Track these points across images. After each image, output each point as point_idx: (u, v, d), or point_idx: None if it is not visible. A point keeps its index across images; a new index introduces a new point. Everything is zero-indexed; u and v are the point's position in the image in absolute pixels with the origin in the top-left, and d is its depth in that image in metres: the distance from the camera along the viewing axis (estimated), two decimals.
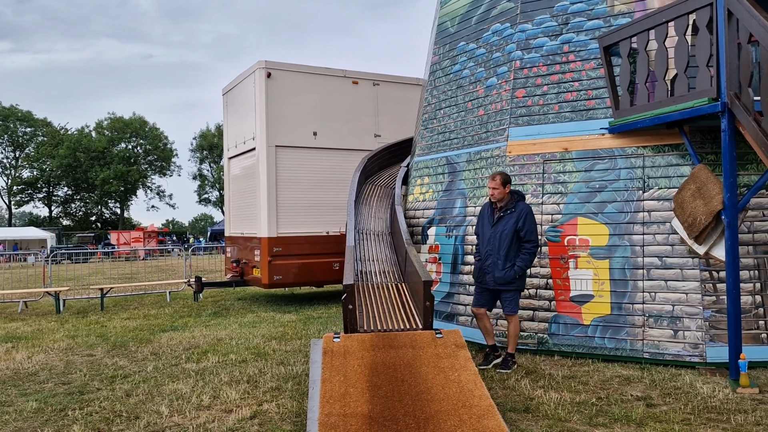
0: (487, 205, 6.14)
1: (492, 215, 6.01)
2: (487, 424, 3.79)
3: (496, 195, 5.93)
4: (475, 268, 6.14)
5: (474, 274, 6.16)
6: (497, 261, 5.85)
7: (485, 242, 5.97)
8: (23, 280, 17.58)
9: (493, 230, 5.93)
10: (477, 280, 6.10)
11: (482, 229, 6.06)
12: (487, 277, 5.92)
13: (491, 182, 5.95)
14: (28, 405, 5.10)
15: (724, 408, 4.61)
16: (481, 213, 6.16)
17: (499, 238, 5.86)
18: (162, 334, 8.55)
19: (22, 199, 64.11)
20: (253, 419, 4.62)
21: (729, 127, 5.29)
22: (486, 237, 5.97)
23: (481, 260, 6.02)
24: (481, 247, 6.05)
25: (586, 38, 6.88)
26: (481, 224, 6.09)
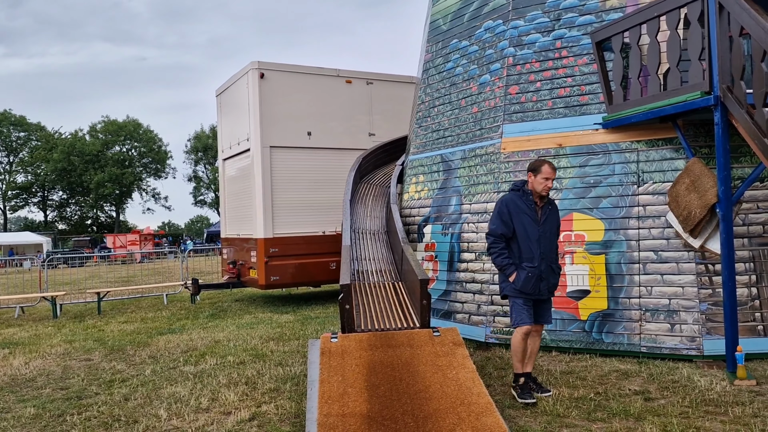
0: (516, 199, 5.01)
1: (533, 211, 4.97)
2: (486, 422, 3.80)
3: (550, 187, 5.02)
4: (527, 276, 4.86)
5: (523, 284, 4.86)
6: (552, 265, 4.98)
7: (533, 243, 4.90)
8: (19, 285, 17.52)
9: (542, 229, 4.94)
10: (526, 291, 4.88)
11: (523, 228, 4.93)
12: (541, 285, 4.89)
13: (553, 173, 4.95)
14: (26, 411, 5.09)
15: (721, 400, 4.62)
16: (512, 209, 4.97)
17: (550, 237, 5.00)
18: (159, 337, 8.53)
19: (17, 204, 63.89)
20: (252, 421, 4.62)
21: (722, 120, 5.30)
22: (534, 237, 4.90)
23: (535, 266, 4.88)
24: (524, 250, 4.92)
25: (579, 34, 6.88)
26: (520, 222, 4.93)
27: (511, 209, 4.98)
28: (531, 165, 5.07)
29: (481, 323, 6.87)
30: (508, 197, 5.07)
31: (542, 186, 4.93)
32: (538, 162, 5.04)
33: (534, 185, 4.96)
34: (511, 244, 5.00)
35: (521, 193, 5.03)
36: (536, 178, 4.94)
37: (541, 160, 5.05)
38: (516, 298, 4.94)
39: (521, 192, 5.04)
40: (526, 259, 4.91)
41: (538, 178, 4.93)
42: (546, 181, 4.92)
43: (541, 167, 4.93)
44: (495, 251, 5.01)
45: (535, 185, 4.95)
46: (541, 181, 4.93)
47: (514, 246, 4.99)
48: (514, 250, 4.98)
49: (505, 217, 4.98)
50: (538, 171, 4.93)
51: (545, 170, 4.92)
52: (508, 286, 4.96)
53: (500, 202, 5.09)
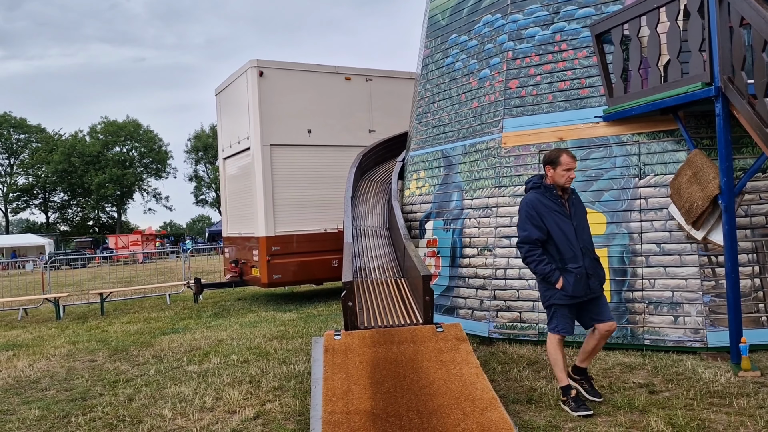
0: (540, 197, 4.56)
1: (561, 206, 4.54)
2: (491, 417, 3.79)
3: (573, 178, 4.60)
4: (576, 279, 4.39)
5: (575, 288, 4.38)
6: (594, 257, 4.55)
7: (571, 241, 4.45)
8: (22, 288, 17.55)
9: (575, 222, 4.52)
10: (578, 295, 4.41)
11: (557, 227, 4.46)
12: (591, 283, 4.45)
13: (573, 162, 4.53)
14: (31, 413, 5.09)
15: (726, 392, 4.62)
16: (541, 210, 4.50)
17: (584, 229, 4.57)
18: (163, 337, 8.54)
19: (18, 206, 63.99)
20: (257, 419, 4.62)
21: (723, 111, 5.28)
22: (570, 234, 4.46)
23: (580, 265, 4.41)
24: (564, 250, 4.45)
25: (578, 26, 6.86)
26: (553, 222, 4.47)
27: (539, 210, 4.49)
28: (547, 157, 4.59)
29: (484, 318, 6.87)
30: (531, 198, 4.58)
31: (565, 178, 4.49)
32: (555, 153, 4.56)
33: (555, 179, 4.52)
34: (547, 247, 4.50)
35: (543, 189, 4.58)
36: (556, 170, 4.50)
37: (557, 151, 4.58)
38: (563, 306, 4.46)
39: (543, 188, 4.58)
40: (570, 260, 4.42)
41: (558, 170, 4.49)
42: (568, 172, 4.49)
43: (560, 158, 4.49)
44: (533, 259, 4.47)
45: (557, 178, 4.51)
46: (563, 173, 4.49)
47: (551, 249, 4.49)
48: (553, 253, 4.48)
49: (535, 220, 4.47)
50: (557, 163, 4.50)
51: (565, 161, 4.49)
52: (556, 294, 4.44)
53: (525, 205, 4.57)
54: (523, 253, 4.54)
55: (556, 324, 4.52)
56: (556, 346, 4.51)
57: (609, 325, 4.50)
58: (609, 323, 4.50)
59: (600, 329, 4.51)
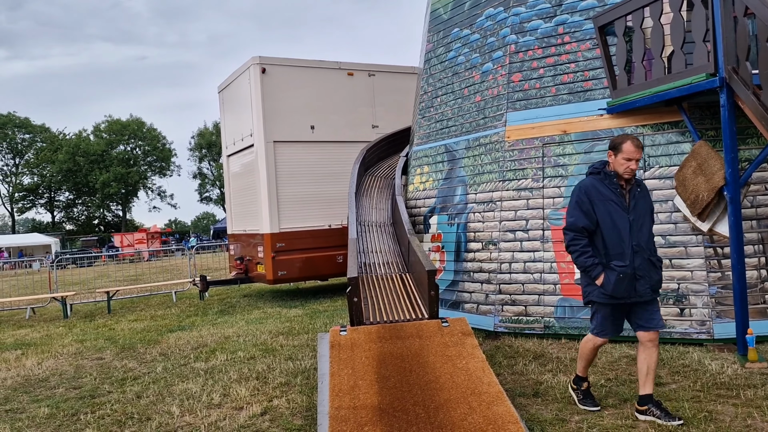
0: (596, 183, 4.16)
1: (620, 196, 4.11)
2: (497, 411, 3.80)
3: (635, 169, 4.13)
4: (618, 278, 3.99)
5: (614, 288, 4.00)
6: (651, 258, 4.08)
7: (622, 236, 4.04)
8: (29, 287, 17.63)
9: (632, 216, 4.08)
10: (618, 296, 4.02)
11: (609, 218, 4.06)
12: (638, 285, 4.02)
13: (637, 152, 4.05)
14: (41, 411, 5.13)
15: (733, 384, 4.61)
16: (594, 197, 4.11)
17: (643, 226, 4.12)
18: (170, 334, 8.57)
19: (24, 205, 64.25)
20: (264, 415, 4.64)
21: (728, 101, 5.26)
22: (623, 228, 4.04)
23: (626, 264, 4.00)
24: (611, 245, 4.07)
25: (581, 19, 6.83)
26: (605, 211, 4.07)
27: (592, 197, 4.11)
28: (611, 143, 4.20)
29: (489, 312, 6.87)
30: (586, 182, 4.20)
31: (624, 168, 4.07)
32: (619, 139, 4.14)
33: (615, 166, 4.12)
34: (594, 239, 4.12)
35: (602, 176, 4.17)
36: (617, 158, 4.09)
37: (623, 137, 4.15)
38: (604, 305, 4.10)
39: (602, 175, 4.17)
40: (615, 257, 4.04)
41: (618, 158, 4.08)
42: (628, 162, 4.05)
43: (622, 145, 4.06)
44: (576, 249, 4.11)
45: (616, 166, 4.10)
46: (623, 162, 4.06)
47: (598, 241, 4.11)
48: (599, 246, 4.11)
49: (585, 206, 4.10)
50: (619, 150, 4.08)
51: (627, 149, 4.04)
52: (596, 291, 4.09)
53: (577, 189, 4.21)
54: (567, 241, 4.19)
55: (595, 325, 4.20)
56: (590, 347, 4.25)
57: (650, 335, 4.06)
58: (651, 332, 4.06)
59: (641, 337, 4.09)
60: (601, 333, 4.17)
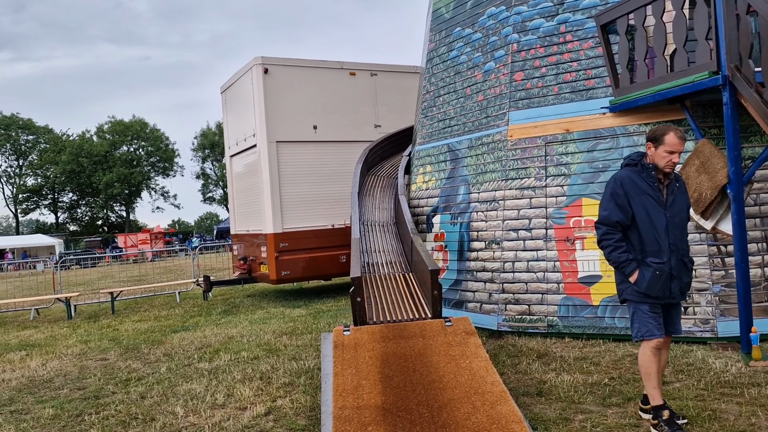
0: (633, 176, 3.90)
1: (657, 190, 3.86)
2: (501, 410, 3.80)
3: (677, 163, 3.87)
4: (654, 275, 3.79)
5: (649, 286, 3.79)
6: (684, 259, 3.88)
7: (659, 232, 3.81)
8: (34, 288, 17.68)
9: (669, 213, 3.84)
10: (653, 294, 3.81)
11: (645, 213, 3.83)
12: (672, 286, 3.83)
13: (680, 144, 3.79)
14: (45, 412, 5.15)
15: (737, 382, 4.60)
16: (630, 190, 3.87)
17: (680, 224, 3.90)
18: (173, 334, 8.59)
19: (28, 206, 64.48)
20: (268, 415, 4.65)
21: (731, 100, 5.25)
22: (660, 224, 3.81)
23: (663, 261, 3.80)
24: (647, 241, 3.83)
25: (583, 17, 6.82)
26: (641, 206, 3.83)
27: (628, 189, 3.86)
28: (651, 133, 3.92)
29: (492, 312, 6.87)
30: (623, 175, 3.94)
31: (665, 161, 3.81)
32: (661, 130, 3.87)
33: (655, 159, 3.86)
34: (629, 234, 3.90)
35: (639, 168, 3.91)
36: (657, 150, 3.83)
37: (665, 128, 3.87)
38: (640, 303, 3.87)
39: (639, 167, 3.92)
40: (651, 253, 3.82)
41: (659, 150, 3.82)
42: (671, 155, 3.79)
43: (664, 136, 3.80)
44: (609, 244, 3.88)
45: (657, 159, 3.84)
46: (664, 155, 3.81)
47: (633, 236, 3.89)
48: (634, 241, 3.88)
49: (620, 199, 3.86)
50: (660, 141, 3.82)
51: (670, 141, 3.78)
52: (629, 289, 3.88)
53: (613, 181, 3.95)
54: (599, 236, 3.94)
55: (637, 328, 3.88)
56: (649, 356, 3.84)
57: (668, 339, 3.97)
58: (666, 337, 3.93)
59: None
60: (647, 334, 3.83)
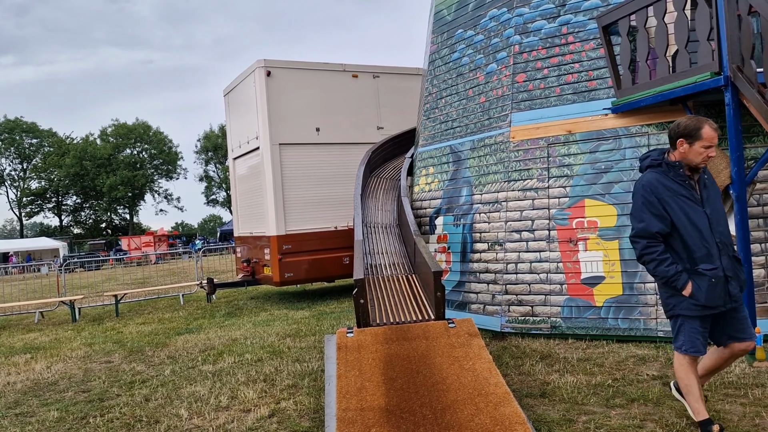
0: (661, 179, 3.57)
1: (690, 188, 3.55)
2: (504, 411, 3.80)
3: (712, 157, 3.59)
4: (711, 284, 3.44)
5: (709, 297, 3.44)
6: (734, 255, 3.58)
7: (704, 234, 3.48)
8: (38, 291, 17.75)
9: (709, 210, 3.54)
10: (713, 304, 3.47)
11: (686, 217, 3.49)
12: (731, 288, 3.49)
13: (716, 137, 3.51)
14: (50, 414, 5.17)
15: (741, 383, 4.60)
16: (663, 194, 3.53)
17: (720, 218, 3.57)
18: (177, 337, 8.62)
19: (32, 210, 64.65)
20: (272, 417, 4.66)
21: (733, 100, 5.25)
22: (703, 225, 3.48)
23: (716, 266, 3.46)
24: (694, 247, 3.48)
25: (585, 18, 6.83)
26: (679, 210, 3.50)
27: (660, 195, 3.51)
28: (683, 128, 3.55)
29: (496, 313, 6.88)
30: (650, 179, 3.58)
31: (702, 157, 3.51)
32: (694, 123, 3.53)
33: (688, 155, 3.53)
34: (670, 242, 3.55)
35: (666, 168, 3.58)
36: (693, 146, 3.50)
37: (697, 120, 3.55)
38: (692, 319, 3.51)
39: (665, 167, 3.58)
40: (701, 259, 3.47)
41: (696, 146, 3.50)
42: (707, 150, 3.50)
43: (700, 131, 3.48)
44: (653, 258, 3.52)
45: (692, 156, 3.52)
46: (701, 150, 3.50)
47: (676, 244, 3.53)
48: (678, 249, 3.52)
49: (655, 207, 3.51)
50: (696, 137, 3.49)
51: (707, 134, 3.48)
52: (683, 303, 3.50)
53: (641, 188, 3.59)
54: (639, 250, 3.57)
55: (683, 341, 3.55)
56: (687, 369, 3.56)
57: (747, 345, 3.60)
58: (748, 342, 3.59)
59: (735, 349, 3.61)
60: (692, 349, 3.53)
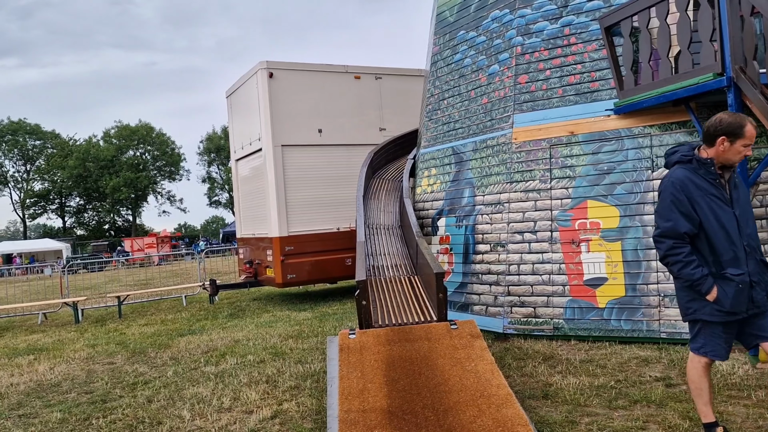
0: (691, 176, 3.35)
1: (720, 188, 3.35)
2: (506, 413, 3.80)
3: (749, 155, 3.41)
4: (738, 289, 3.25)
5: (735, 303, 3.26)
6: (760, 259, 3.39)
7: (733, 237, 3.29)
8: (41, 292, 17.78)
9: (738, 211, 3.35)
10: (737, 310, 3.28)
11: (714, 217, 3.29)
12: (755, 294, 3.30)
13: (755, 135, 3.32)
14: (53, 416, 5.18)
15: (744, 384, 4.59)
16: (692, 193, 3.31)
17: (749, 221, 3.39)
18: (180, 338, 8.62)
19: (35, 211, 64.75)
20: (274, 419, 4.66)
21: (736, 101, 5.24)
22: (731, 227, 3.30)
23: (743, 271, 3.27)
24: (722, 250, 3.29)
25: (587, 20, 6.82)
26: (708, 210, 3.29)
27: (690, 193, 3.30)
28: (725, 126, 3.30)
29: (498, 314, 6.87)
30: (679, 175, 3.36)
31: (740, 156, 3.32)
32: (738, 120, 3.30)
33: (727, 154, 3.30)
34: (696, 244, 3.35)
35: (696, 165, 3.36)
36: (734, 145, 3.28)
37: (738, 117, 3.33)
38: (715, 324, 3.33)
39: (695, 163, 3.36)
40: (729, 263, 3.28)
41: (737, 145, 3.28)
42: (746, 149, 3.30)
43: (744, 128, 3.27)
44: (678, 260, 3.31)
45: (730, 154, 3.30)
46: (740, 149, 3.30)
47: (702, 246, 3.34)
48: (704, 252, 3.33)
49: (684, 206, 3.30)
50: (739, 135, 3.27)
51: (750, 133, 3.27)
52: (706, 309, 3.32)
53: (670, 185, 3.37)
54: (664, 251, 3.37)
55: (702, 343, 3.39)
56: (700, 372, 3.41)
57: None
58: None
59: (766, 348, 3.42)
60: (711, 352, 3.37)
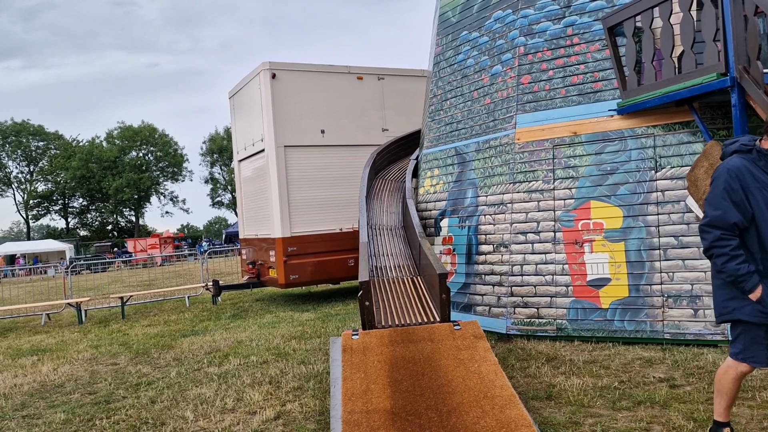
0: (749, 166, 3.20)
1: None
2: (510, 414, 3.79)
3: None
4: None
5: None
6: None
7: None
8: (45, 293, 17.82)
9: None
10: None
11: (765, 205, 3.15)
12: None
13: None
14: (57, 417, 5.19)
15: (748, 385, 4.57)
16: (748, 183, 3.16)
17: None
18: (183, 339, 8.63)
19: (38, 212, 64.90)
20: (277, 420, 4.66)
21: (739, 101, 5.23)
22: None
23: None
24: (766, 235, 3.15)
25: (590, 20, 6.81)
26: (763, 201, 3.15)
27: (746, 183, 3.13)
28: None
29: (501, 315, 6.86)
30: (736, 163, 3.20)
31: None
32: None
33: None
34: (744, 238, 3.18)
35: (756, 155, 3.22)
36: None
37: None
38: (756, 327, 3.18)
39: (756, 154, 3.22)
40: None
41: None
42: None
43: None
44: (724, 252, 3.14)
45: None
46: None
47: (750, 241, 3.18)
48: (752, 248, 3.17)
49: (737, 195, 3.13)
50: None
51: None
52: (747, 308, 3.17)
53: (725, 173, 3.20)
54: (710, 241, 3.18)
55: (741, 348, 3.25)
56: (734, 378, 3.29)
57: None
58: None
59: None
60: (750, 359, 3.21)
